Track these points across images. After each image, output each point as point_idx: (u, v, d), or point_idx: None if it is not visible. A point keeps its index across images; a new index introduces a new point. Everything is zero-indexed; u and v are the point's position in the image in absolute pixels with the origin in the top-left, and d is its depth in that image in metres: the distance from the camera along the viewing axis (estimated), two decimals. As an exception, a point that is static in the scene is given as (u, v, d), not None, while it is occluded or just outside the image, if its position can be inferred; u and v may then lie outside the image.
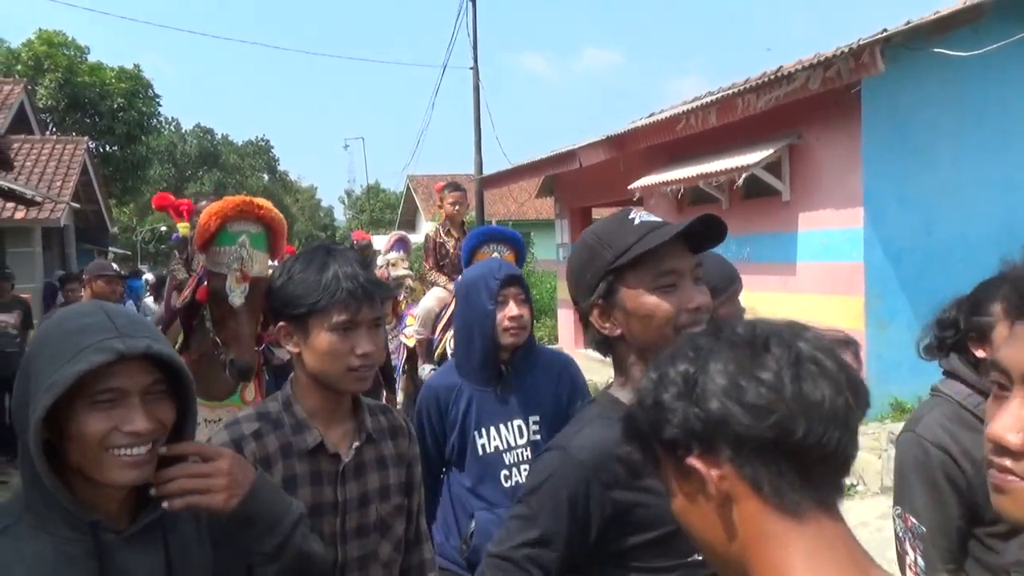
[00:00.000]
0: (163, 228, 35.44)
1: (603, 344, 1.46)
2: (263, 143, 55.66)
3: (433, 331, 5.44)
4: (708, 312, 1.40)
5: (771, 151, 7.52)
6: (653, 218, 1.44)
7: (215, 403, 4.05)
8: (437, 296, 5.61)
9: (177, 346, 3.95)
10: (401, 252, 7.42)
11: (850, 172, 6.95)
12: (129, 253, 34.28)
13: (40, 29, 23.61)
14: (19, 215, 14.52)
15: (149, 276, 17.58)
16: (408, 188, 35.86)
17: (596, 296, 1.41)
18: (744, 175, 7.58)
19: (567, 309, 12.66)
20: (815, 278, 7.46)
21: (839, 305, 6.98)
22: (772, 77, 7.12)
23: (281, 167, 57.82)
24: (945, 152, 6.84)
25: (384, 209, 45.31)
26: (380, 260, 7.18)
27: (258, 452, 1.66)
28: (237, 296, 3.54)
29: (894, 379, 6.45)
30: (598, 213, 16.50)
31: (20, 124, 17.90)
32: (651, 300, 1.37)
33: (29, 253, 15.26)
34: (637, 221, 1.42)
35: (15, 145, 15.31)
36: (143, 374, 1.17)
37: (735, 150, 8.07)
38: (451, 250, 5.82)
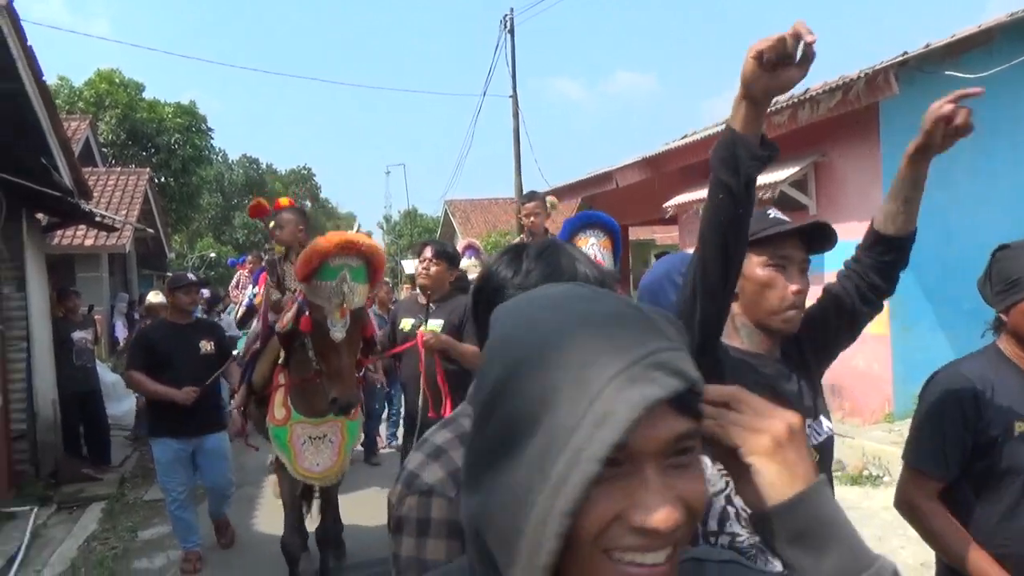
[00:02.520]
0: (212, 254, 36.68)
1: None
2: (305, 171, 57.31)
3: None
4: (805, 296, 1.75)
5: (797, 168, 8.03)
6: (784, 217, 1.79)
7: (318, 419, 4.21)
8: None
9: (280, 360, 4.32)
10: (473, 258, 8.05)
11: (872, 186, 7.42)
12: (181, 279, 35.56)
13: (99, 69, 25.00)
14: (88, 242, 15.50)
15: (205, 292, 18.22)
16: (446, 212, 36.69)
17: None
18: (772, 192, 8.09)
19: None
20: (842, 286, 7.90)
21: (865, 311, 7.41)
22: (797, 99, 7.65)
23: (322, 194, 59.30)
24: (961, 167, 7.28)
25: (423, 233, 46.20)
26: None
27: None
28: (339, 330, 3.58)
29: (917, 378, 6.82)
30: (634, 233, 17.03)
31: (86, 158, 19.00)
32: (763, 272, 1.73)
33: (97, 277, 16.21)
34: (772, 215, 1.78)
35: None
36: (671, 419, 0.65)
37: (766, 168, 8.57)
38: None
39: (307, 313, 3.72)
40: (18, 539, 5.84)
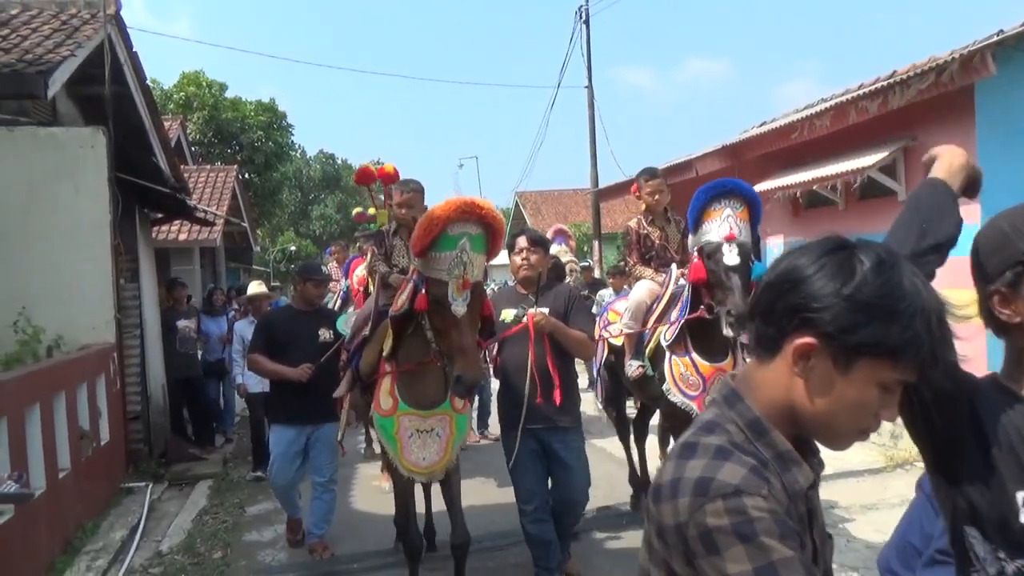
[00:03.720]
0: (292, 248, 37.83)
1: (1000, 330, 1.39)
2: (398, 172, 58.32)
3: (644, 325, 5.09)
4: None
5: (886, 153, 7.86)
6: None
7: (426, 412, 3.96)
8: (648, 288, 5.23)
9: (385, 352, 3.99)
10: (563, 244, 8.19)
11: (966, 170, 7.20)
12: (267, 271, 36.85)
13: (184, 72, 26.11)
14: (183, 236, 16.29)
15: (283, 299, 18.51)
16: (517, 204, 36.89)
17: (1001, 283, 1.36)
18: (861, 178, 7.95)
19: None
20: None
21: (958, 298, 7.22)
22: (885, 83, 7.49)
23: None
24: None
25: (493, 226, 46.56)
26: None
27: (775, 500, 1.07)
28: (460, 304, 3.32)
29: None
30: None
31: (178, 156, 19.92)
32: None
33: (190, 270, 17.00)
34: None
35: (179, 175, 17.19)
36: None
37: (850, 153, 8.43)
38: (656, 241, 5.41)
39: (423, 291, 3.49)
40: (137, 512, 6.28)
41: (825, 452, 1.24)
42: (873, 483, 6.19)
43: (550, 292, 4.27)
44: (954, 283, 1.61)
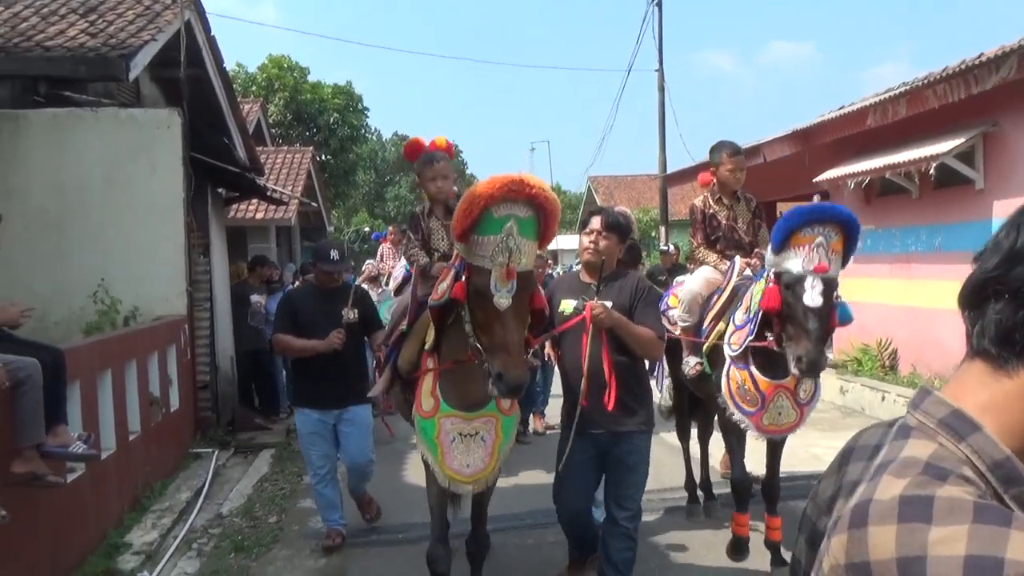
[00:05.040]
0: (366, 228, 38.64)
1: None
2: (453, 148, 58.93)
3: (701, 320, 4.68)
4: None
5: (963, 139, 7.52)
6: None
7: (470, 414, 3.53)
8: (706, 278, 4.78)
9: (427, 346, 3.59)
10: None
11: (1050, 158, 6.85)
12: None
13: (270, 55, 26.93)
14: (259, 215, 16.87)
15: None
16: (589, 188, 36.71)
17: None
18: (936, 164, 7.62)
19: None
20: (1011, 266, 7.36)
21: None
22: (965, 66, 7.14)
23: (468, 171, 60.82)
24: None
25: (565, 210, 46.48)
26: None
27: None
28: (504, 296, 2.94)
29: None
30: (782, 207, 16.41)
31: (257, 138, 20.61)
32: None
33: (266, 248, 17.60)
34: None
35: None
36: None
37: (925, 140, 8.09)
38: (723, 221, 4.91)
39: (463, 279, 3.12)
40: (203, 476, 6.62)
41: None
42: None
43: (615, 282, 3.82)
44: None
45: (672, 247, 11.85)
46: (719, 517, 5.29)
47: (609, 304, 3.66)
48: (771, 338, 4.02)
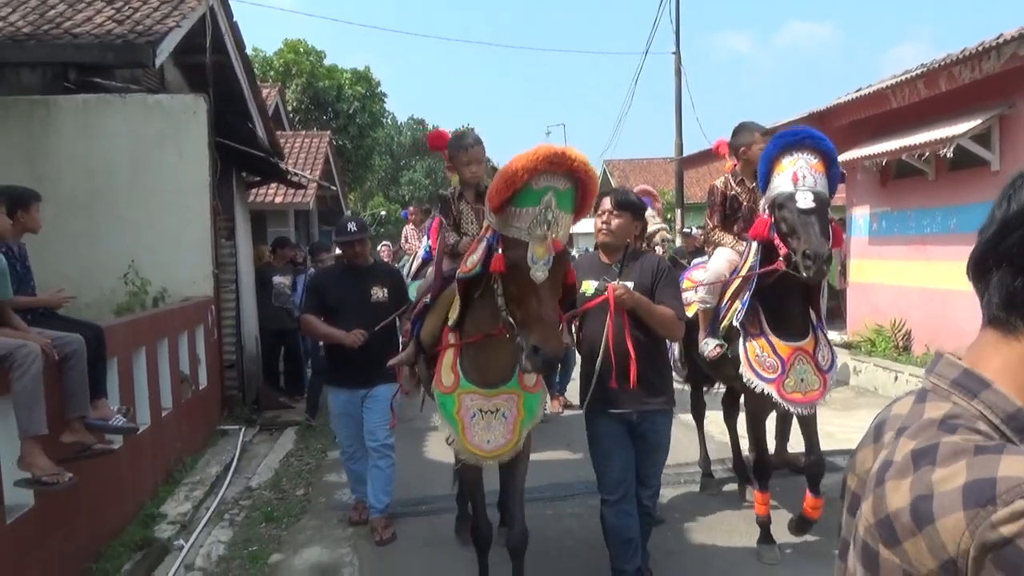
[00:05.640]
0: (382, 212, 38.84)
1: None
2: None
3: (720, 299, 4.70)
4: None
5: (979, 121, 7.55)
6: None
7: (491, 391, 3.56)
8: (726, 258, 4.81)
9: (451, 321, 3.59)
10: (648, 207, 7.79)
11: (1065, 140, 6.87)
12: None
13: (286, 39, 27.03)
14: (278, 199, 17.07)
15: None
16: (605, 172, 36.66)
17: None
18: (952, 146, 7.65)
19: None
20: (1025, 247, 7.40)
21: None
22: (982, 48, 7.16)
23: (486, 178, 60.77)
24: None
25: (581, 193, 46.37)
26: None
27: None
28: (541, 268, 2.92)
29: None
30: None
31: (275, 123, 20.80)
32: None
33: (285, 232, 17.82)
34: None
35: (276, 140, 18.00)
36: None
37: (941, 121, 8.12)
38: (743, 203, 4.91)
39: (500, 251, 3.07)
40: (231, 452, 6.84)
41: None
42: None
43: (636, 263, 3.82)
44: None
45: (695, 229, 11.88)
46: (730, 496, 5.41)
47: (630, 285, 3.67)
48: (780, 260, 4.08)
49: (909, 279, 9.16)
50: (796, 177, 3.94)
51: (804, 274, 3.90)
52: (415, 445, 6.96)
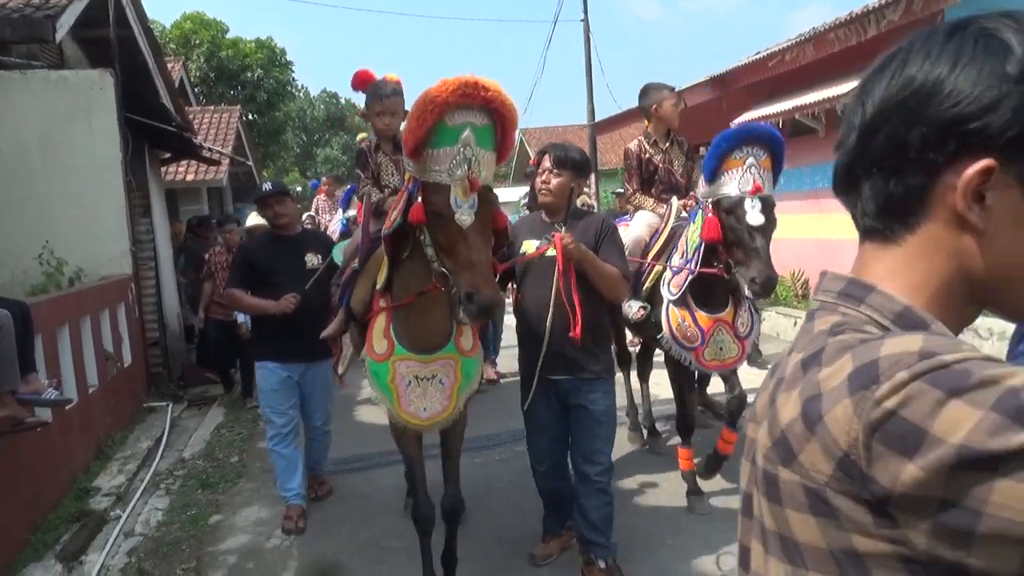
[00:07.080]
0: (298, 188, 38.11)
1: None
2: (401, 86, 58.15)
3: (642, 264, 4.63)
4: None
5: (859, 81, 8.12)
6: None
7: (426, 356, 3.35)
8: (647, 223, 4.79)
9: (379, 285, 3.41)
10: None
11: (936, 97, 7.48)
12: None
13: (184, 12, 26.12)
14: (190, 177, 16.68)
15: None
16: (521, 141, 36.91)
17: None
18: (839, 104, 8.23)
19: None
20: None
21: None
22: (862, 11, 7.71)
23: (403, 127, 60.17)
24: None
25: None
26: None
27: None
28: (466, 212, 2.74)
29: None
30: (704, 152, 17.09)
31: (181, 96, 20.16)
32: None
33: (198, 210, 17.45)
34: None
35: (183, 116, 17.50)
36: None
37: (830, 82, 8.70)
38: (659, 165, 4.92)
39: (419, 199, 2.90)
40: (160, 427, 6.89)
41: None
42: None
43: (579, 221, 3.68)
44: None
45: (624, 189, 12.14)
46: (662, 453, 5.42)
47: None
48: (720, 268, 4.05)
49: (806, 232, 9.82)
50: (746, 180, 3.82)
51: (749, 294, 3.97)
52: (348, 409, 7.15)
